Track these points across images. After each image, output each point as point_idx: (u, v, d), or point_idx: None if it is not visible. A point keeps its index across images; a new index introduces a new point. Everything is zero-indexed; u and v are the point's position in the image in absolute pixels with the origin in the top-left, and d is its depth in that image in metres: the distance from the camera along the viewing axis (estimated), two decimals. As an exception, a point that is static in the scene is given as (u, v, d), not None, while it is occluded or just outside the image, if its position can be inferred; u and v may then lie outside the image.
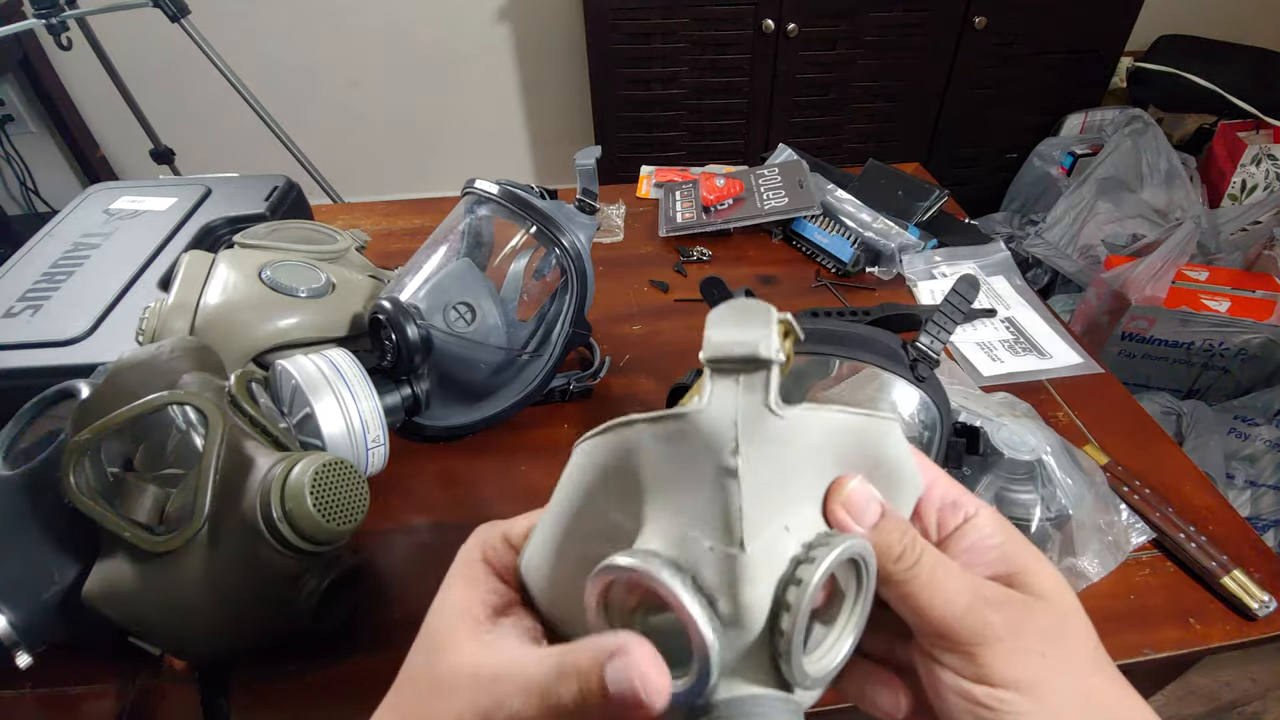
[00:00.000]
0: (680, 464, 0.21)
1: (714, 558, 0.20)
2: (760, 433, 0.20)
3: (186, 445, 0.45)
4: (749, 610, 0.20)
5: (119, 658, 0.46)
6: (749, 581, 0.20)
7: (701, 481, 0.20)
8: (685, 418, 0.20)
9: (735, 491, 0.20)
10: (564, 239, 0.62)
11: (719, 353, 0.20)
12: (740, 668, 0.21)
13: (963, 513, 0.25)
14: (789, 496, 0.22)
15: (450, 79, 2.08)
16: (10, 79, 1.90)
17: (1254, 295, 1.38)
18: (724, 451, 0.20)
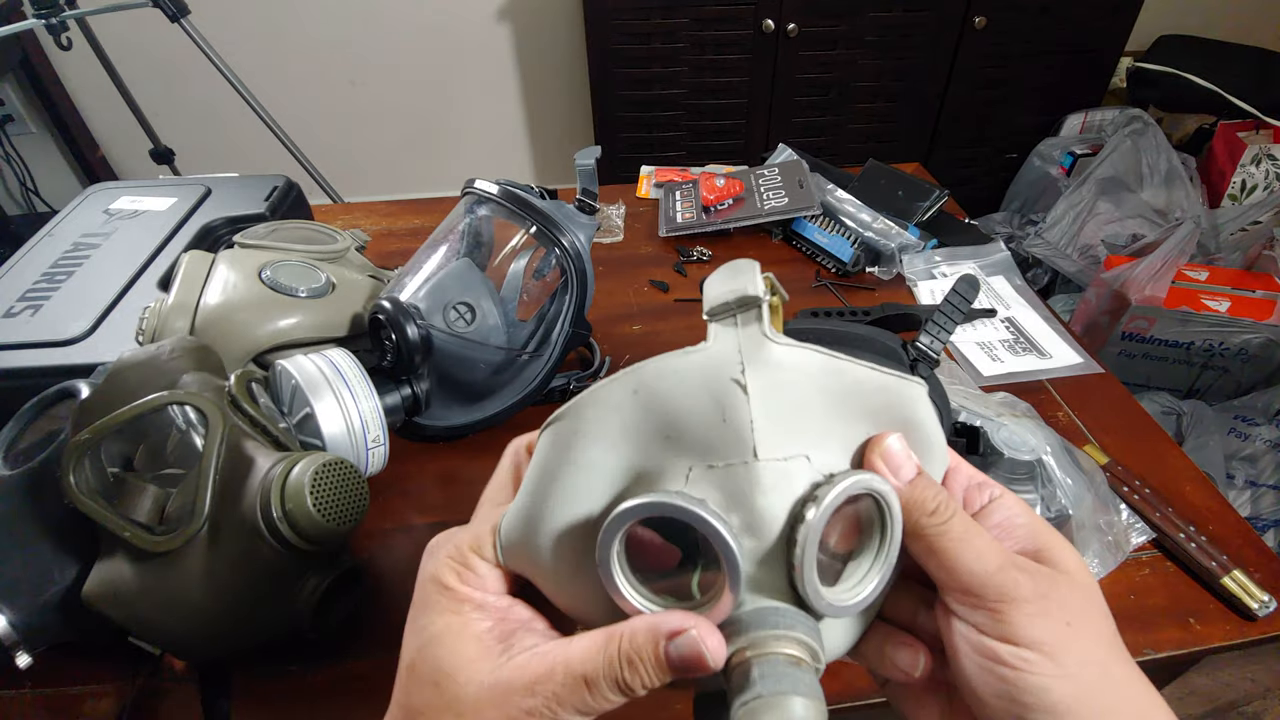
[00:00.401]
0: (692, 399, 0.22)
1: (727, 474, 0.21)
2: (763, 358, 0.22)
3: (186, 445, 0.45)
4: (762, 516, 0.21)
5: (119, 658, 0.46)
6: (762, 490, 0.21)
7: (711, 412, 0.22)
8: (693, 354, 0.22)
9: (744, 403, 0.21)
10: (564, 239, 0.62)
11: (715, 303, 0.23)
12: (762, 586, 0.22)
13: (988, 493, 0.25)
14: (810, 431, 0.23)
15: (450, 79, 2.08)
16: (10, 79, 1.90)
17: (1254, 295, 1.38)
18: (731, 372, 0.22)
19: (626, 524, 0.21)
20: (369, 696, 0.47)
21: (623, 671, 0.21)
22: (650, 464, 0.23)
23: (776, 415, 0.22)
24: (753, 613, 0.21)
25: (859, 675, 0.46)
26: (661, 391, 0.22)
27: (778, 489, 0.21)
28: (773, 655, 0.20)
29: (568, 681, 0.21)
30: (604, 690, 0.21)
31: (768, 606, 0.21)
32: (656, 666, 0.20)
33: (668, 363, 0.22)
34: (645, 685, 0.21)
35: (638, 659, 0.21)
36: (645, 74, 1.73)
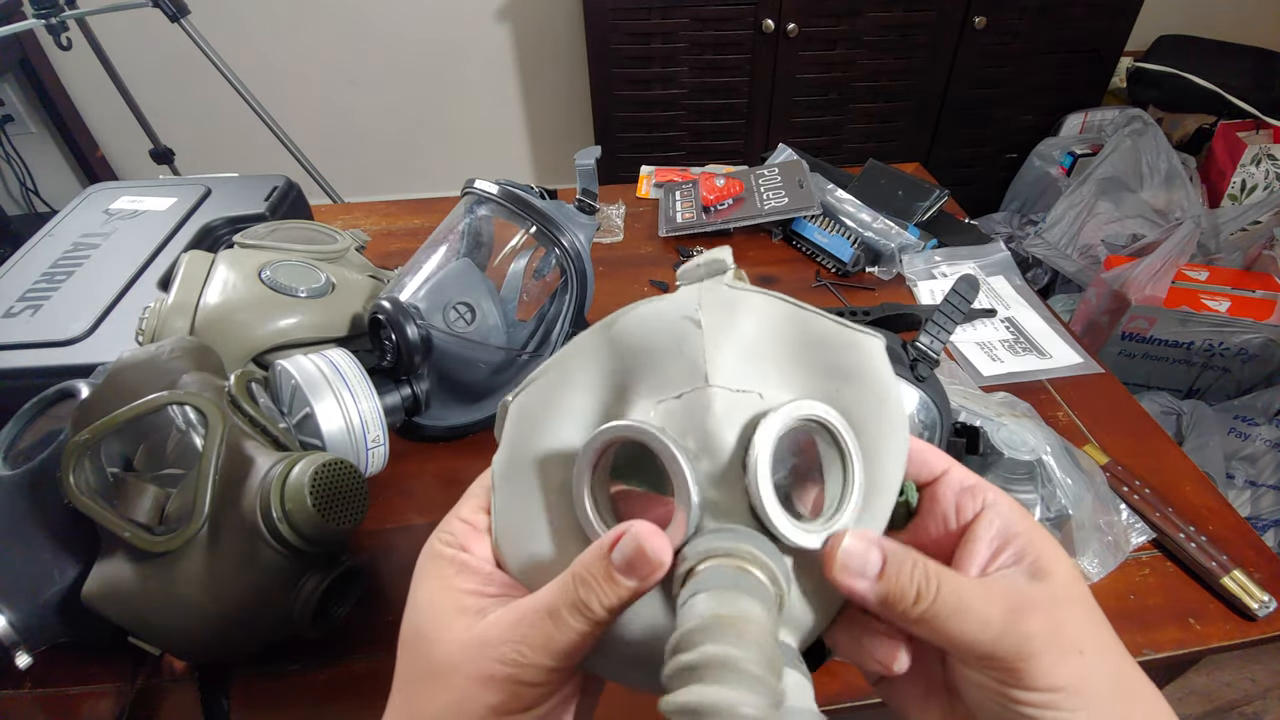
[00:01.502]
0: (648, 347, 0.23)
1: (681, 402, 0.22)
2: (720, 299, 0.23)
3: (186, 445, 0.45)
4: (715, 438, 0.21)
5: (119, 658, 0.46)
6: (714, 416, 0.22)
7: (671, 348, 0.23)
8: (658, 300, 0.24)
9: (698, 335, 0.23)
10: (564, 239, 0.62)
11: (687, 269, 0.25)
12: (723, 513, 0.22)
13: (981, 498, 0.24)
14: (769, 375, 0.23)
15: (450, 79, 2.08)
16: (10, 79, 1.90)
17: (1254, 295, 1.38)
18: (688, 311, 0.23)
19: (592, 451, 0.22)
20: (369, 696, 0.47)
21: (578, 591, 0.21)
22: (622, 405, 0.24)
23: (731, 350, 0.23)
24: (710, 534, 0.21)
25: (859, 675, 0.46)
26: (629, 334, 0.24)
27: (729, 416, 0.22)
28: (716, 565, 0.20)
29: (534, 620, 0.21)
30: (565, 618, 0.21)
31: (725, 528, 0.21)
32: (606, 577, 0.21)
33: (636, 308, 0.24)
34: (602, 603, 0.21)
35: (588, 574, 0.21)
36: (645, 74, 1.73)
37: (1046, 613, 0.21)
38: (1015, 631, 0.21)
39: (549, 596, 0.22)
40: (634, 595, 0.21)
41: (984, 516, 0.24)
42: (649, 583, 0.21)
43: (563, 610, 0.21)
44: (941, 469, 0.25)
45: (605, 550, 0.21)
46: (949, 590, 0.21)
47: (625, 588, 0.21)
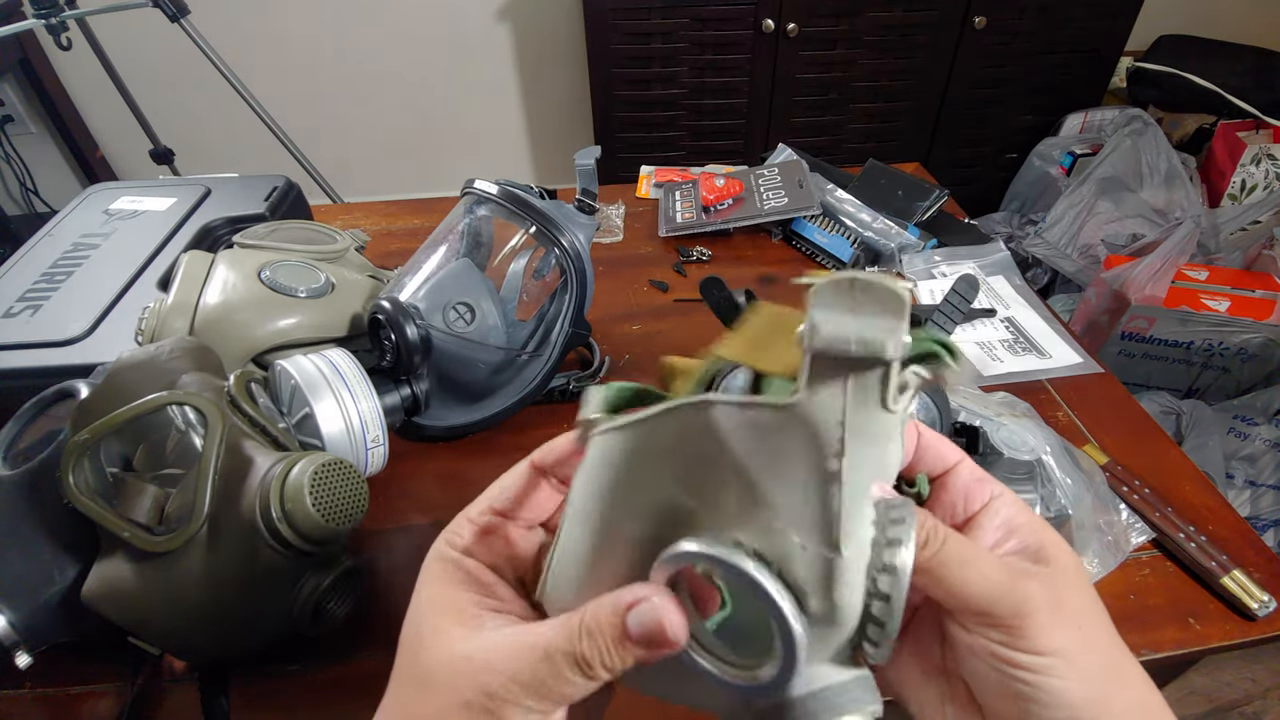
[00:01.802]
0: (769, 455, 0.19)
1: (807, 556, 0.19)
2: (866, 432, 0.18)
3: (186, 445, 0.45)
4: (843, 610, 0.19)
5: (119, 658, 0.46)
6: (845, 584, 0.19)
7: (794, 478, 0.19)
8: (783, 410, 0.19)
9: (836, 495, 0.19)
10: (563, 239, 0.62)
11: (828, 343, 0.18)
12: (823, 657, 0.20)
13: (989, 490, 0.25)
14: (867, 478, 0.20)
15: (450, 79, 2.08)
16: (10, 79, 1.90)
17: (1254, 295, 1.38)
18: (827, 455, 0.18)
19: (682, 564, 0.20)
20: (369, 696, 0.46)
21: (581, 643, 0.20)
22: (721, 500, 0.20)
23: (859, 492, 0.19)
24: (814, 696, 0.20)
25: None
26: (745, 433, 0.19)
27: (855, 580, 0.19)
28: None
29: (528, 659, 0.20)
30: (561, 667, 0.20)
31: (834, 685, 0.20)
32: (615, 638, 0.20)
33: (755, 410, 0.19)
34: (605, 662, 0.20)
35: (596, 629, 0.20)
36: (645, 74, 1.73)
37: (1048, 584, 0.22)
38: (1016, 590, 0.21)
39: (550, 637, 0.21)
40: (640, 664, 0.20)
41: (990, 507, 0.25)
42: (657, 657, 0.20)
43: (560, 660, 0.20)
44: (954, 461, 0.26)
45: (621, 609, 0.20)
46: (955, 543, 0.22)
47: (632, 654, 0.20)
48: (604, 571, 0.22)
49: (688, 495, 0.21)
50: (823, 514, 0.19)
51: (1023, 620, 0.21)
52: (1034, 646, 0.21)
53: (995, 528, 0.24)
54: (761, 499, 0.19)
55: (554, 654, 0.20)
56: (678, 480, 0.21)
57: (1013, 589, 0.22)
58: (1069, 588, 0.22)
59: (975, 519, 0.25)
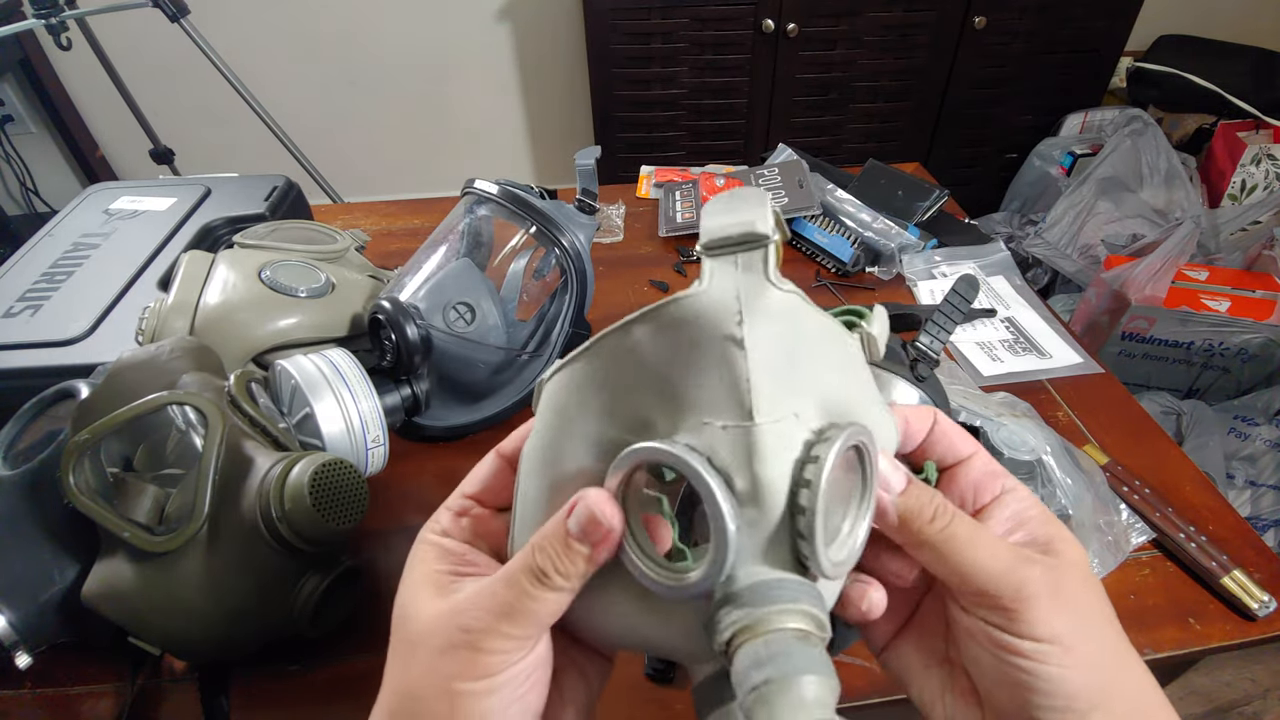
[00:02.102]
0: (684, 353, 0.21)
1: (727, 436, 0.20)
2: (762, 307, 0.20)
3: (186, 445, 0.45)
4: (766, 486, 0.20)
5: (119, 658, 0.46)
6: (763, 457, 0.20)
7: (707, 364, 0.20)
8: (686, 299, 0.21)
9: (742, 361, 0.20)
10: (564, 239, 0.62)
11: (716, 236, 0.21)
12: (760, 554, 0.20)
13: (1000, 483, 0.26)
14: (795, 384, 0.21)
15: (450, 79, 2.08)
16: (10, 79, 1.90)
17: (1254, 295, 1.38)
18: (728, 323, 0.20)
19: (623, 472, 0.21)
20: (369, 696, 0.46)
21: (535, 557, 0.21)
22: (654, 413, 0.22)
23: (770, 369, 0.20)
24: (751, 587, 0.20)
25: (859, 675, 0.46)
26: (662, 338, 0.21)
27: (775, 454, 0.20)
28: (779, 632, 0.19)
29: (494, 588, 0.22)
30: (523, 584, 0.21)
31: (770, 579, 0.20)
32: (562, 544, 0.21)
33: (666, 308, 0.21)
34: (558, 569, 0.21)
35: (545, 541, 0.22)
36: (645, 74, 1.73)
37: (1050, 571, 0.22)
38: (1019, 572, 0.22)
39: (510, 565, 0.22)
40: (589, 563, 0.21)
41: (1001, 500, 0.25)
42: (602, 550, 0.21)
43: (521, 577, 0.21)
44: (968, 453, 0.26)
45: (562, 519, 0.22)
46: (963, 522, 0.23)
47: (579, 554, 0.21)
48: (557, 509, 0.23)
49: (624, 422, 0.22)
50: (734, 384, 0.20)
51: (1022, 604, 0.22)
52: (1032, 631, 0.21)
53: (1004, 519, 0.25)
54: (686, 400, 0.21)
55: (515, 575, 0.22)
56: (613, 410, 0.22)
57: (1014, 570, 0.22)
58: (1072, 578, 0.23)
59: (985, 510, 0.25)
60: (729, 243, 0.21)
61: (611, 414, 0.22)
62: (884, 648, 0.27)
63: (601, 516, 0.21)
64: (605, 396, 0.23)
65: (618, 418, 0.22)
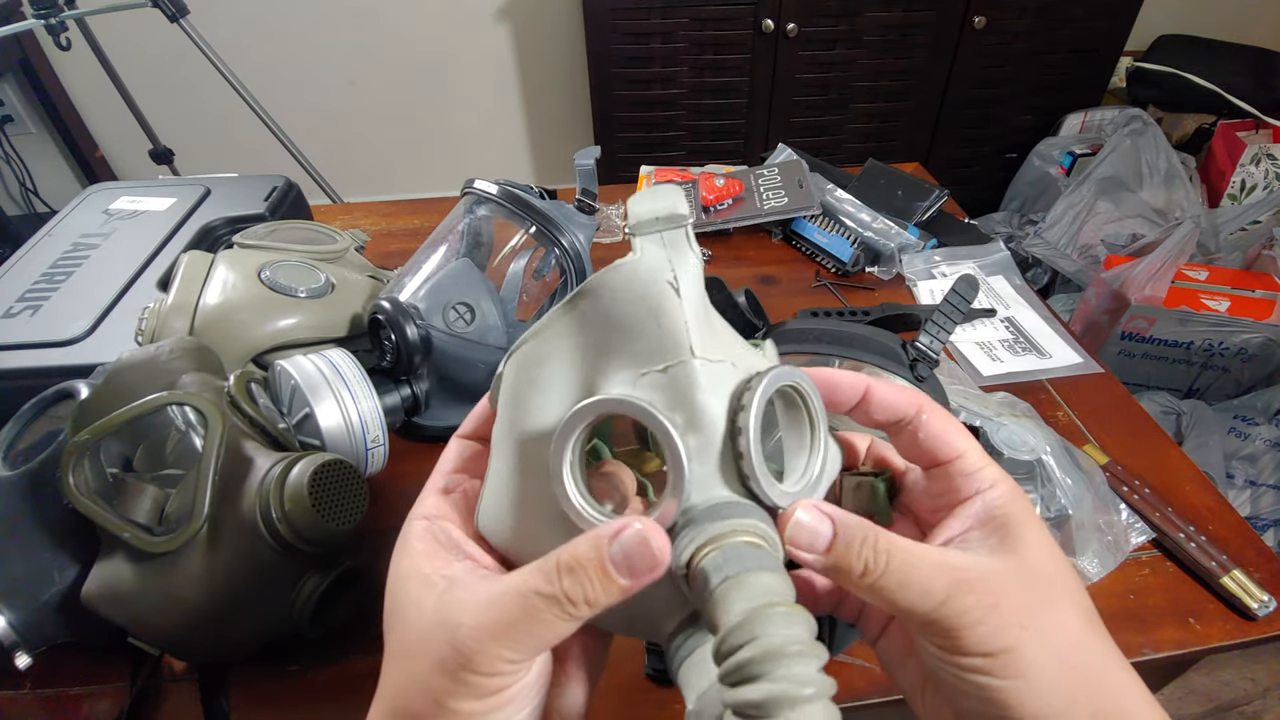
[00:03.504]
0: (624, 315, 0.23)
1: (667, 376, 0.22)
2: (689, 270, 0.23)
3: (186, 445, 0.45)
4: (704, 412, 0.22)
5: (119, 658, 0.46)
6: (700, 388, 0.22)
7: (645, 318, 0.22)
8: (624, 264, 0.23)
9: (678, 306, 0.22)
10: (563, 239, 0.62)
11: (644, 218, 0.23)
12: (710, 481, 0.22)
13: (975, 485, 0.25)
14: (723, 341, 0.24)
15: (450, 79, 2.08)
16: (10, 79, 1.90)
17: (1253, 295, 1.38)
18: (662, 278, 0.22)
19: (577, 428, 0.22)
20: (369, 696, 0.46)
21: (562, 582, 0.19)
22: (600, 377, 0.23)
23: (701, 321, 0.23)
24: (706, 509, 0.21)
25: (859, 675, 0.46)
26: (601, 305, 0.23)
27: (714, 386, 0.22)
28: (732, 543, 0.20)
29: (500, 605, 0.20)
30: (540, 609, 0.19)
31: (720, 501, 0.21)
32: (600, 571, 0.19)
33: (603, 276, 0.23)
34: (590, 599, 0.19)
35: (579, 565, 0.20)
36: (645, 74, 1.73)
37: (986, 588, 0.22)
38: (954, 604, 0.21)
39: (524, 580, 0.20)
40: (624, 595, 0.20)
41: (975, 499, 0.24)
42: (644, 583, 0.20)
43: (536, 600, 0.20)
44: (957, 453, 0.25)
45: (599, 541, 0.20)
46: (898, 564, 0.22)
47: (618, 587, 0.20)
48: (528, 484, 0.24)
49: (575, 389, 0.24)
50: (672, 328, 0.22)
51: (962, 630, 0.21)
52: (973, 650, 0.21)
53: (970, 515, 0.24)
54: (632, 354, 0.23)
55: (528, 595, 0.20)
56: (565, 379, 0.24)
57: (951, 603, 0.21)
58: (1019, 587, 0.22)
59: (960, 506, 0.25)
60: (655, 224, 0.23)
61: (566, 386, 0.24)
62: (877, 638, 0.27)
63: (657, 550, 0.19)
64: (557, 368, 0.24)
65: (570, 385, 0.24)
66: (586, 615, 0.20)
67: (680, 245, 0.23)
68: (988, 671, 0.21)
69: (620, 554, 0.19)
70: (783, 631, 0.18)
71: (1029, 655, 0.21)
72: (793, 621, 0.18)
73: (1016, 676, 0.21)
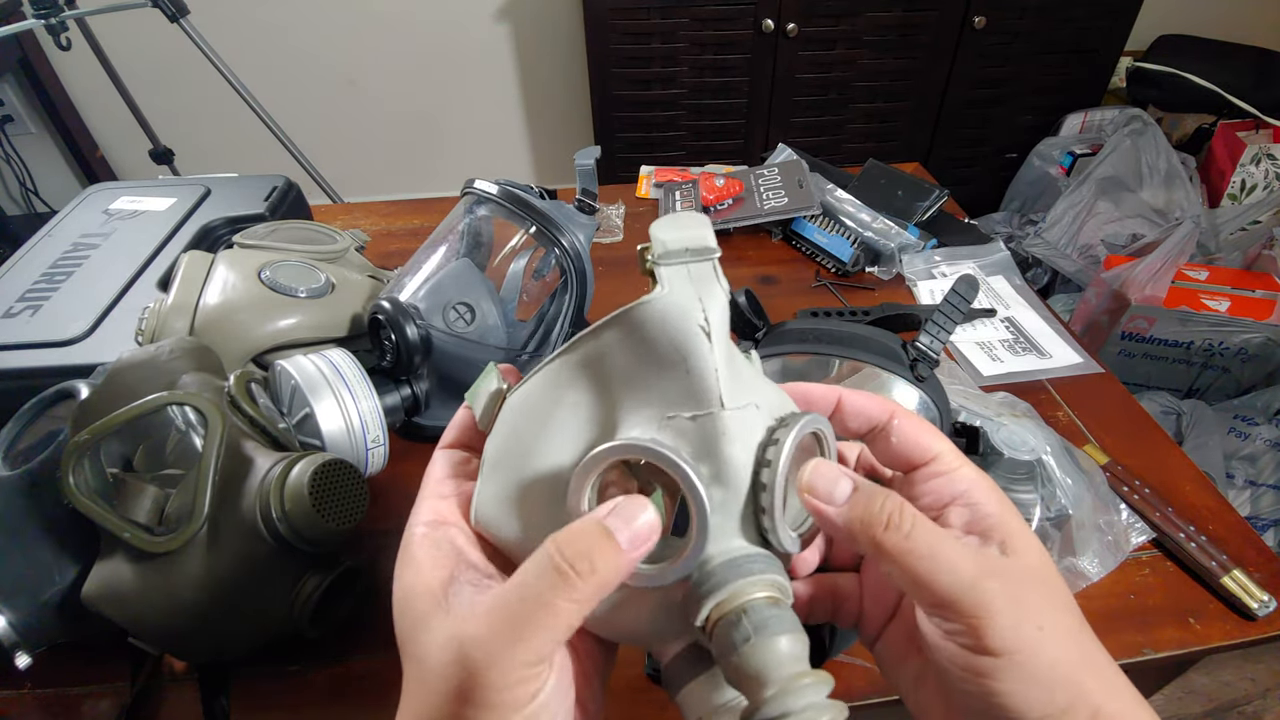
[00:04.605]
0: (650, 354, 0.22)
1: (694, 425, 0.22)
2: (718, 309, 0.22)
3: (186, 445, 0.45)
4: (730, 465, 0.21)
5: (119, 658, 0.46)
6: (729, 440, 0.21)
7: (674, 361, 0.22)
8: (654, 300, 0.22)
9: (709, 352, 0.21)
10: (563, 239, 0.62)
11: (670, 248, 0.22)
12: (729, 532, 0.22)
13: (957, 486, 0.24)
14: (748, 379, 0.24)
15: (450, 79, 2.08)
16: (10, 79, 1.90)
17: (1253, 295, 1.38)
18: (693, 321, 0.21)
19: (599, 467, 0.22)
20: (369, 696, 0.47)
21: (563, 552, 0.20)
22: (621, 414, 0.23)
23: (729, 360, 0.22)
24: (725, 564, 0.21)
25: (859, 675, 0.46)
26: (628, 342, 0.23)
27: (741, 437, 0.22)
28: (754, 601, 0.21)
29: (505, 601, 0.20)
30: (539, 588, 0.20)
31: (740, 555, 0.21)
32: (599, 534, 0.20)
33: (633, 312, 0.22)
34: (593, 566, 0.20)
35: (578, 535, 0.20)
36: (645, 74, 1.73)
37: (1012, 580, 0.22)
38: (981, 586, 0.21)
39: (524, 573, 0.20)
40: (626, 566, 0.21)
41: (961, 508, 0.24)
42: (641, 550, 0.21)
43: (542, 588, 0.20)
44: (932, 454, 0.25)
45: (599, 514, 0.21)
46: (924, 533, 0.22)
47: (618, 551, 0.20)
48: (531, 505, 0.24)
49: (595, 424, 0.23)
50: (701, 375, 0.21)
51: (982, 619, 0.21)
52: (988, 647, 0.21)
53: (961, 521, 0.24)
54: (651, 397, 0.22)
55: (529, 585, 0.20)
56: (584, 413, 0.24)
57: (976, 585, 0.21)
58: (1035, 589, 0.22)
59: (943, 513, 0.24)
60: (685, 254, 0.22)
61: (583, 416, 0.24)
62: (875, 640, 0.27)
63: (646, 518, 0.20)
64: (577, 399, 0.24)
65: (589, 419, 0.24)
66: (591, 595, 0.20)
67: (709, 281, 0.22)
68: (1002, 673, 0.21)
69: (617, 519, 0.21)
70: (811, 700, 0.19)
71: (1042, 656, 0.21)
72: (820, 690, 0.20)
73: (1029, 679, 0.21)
